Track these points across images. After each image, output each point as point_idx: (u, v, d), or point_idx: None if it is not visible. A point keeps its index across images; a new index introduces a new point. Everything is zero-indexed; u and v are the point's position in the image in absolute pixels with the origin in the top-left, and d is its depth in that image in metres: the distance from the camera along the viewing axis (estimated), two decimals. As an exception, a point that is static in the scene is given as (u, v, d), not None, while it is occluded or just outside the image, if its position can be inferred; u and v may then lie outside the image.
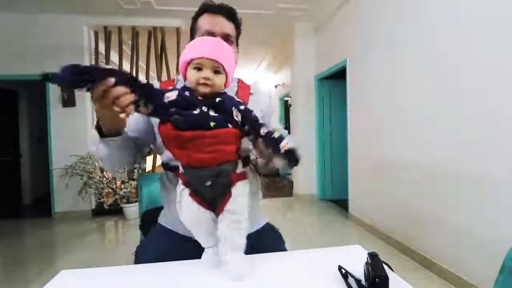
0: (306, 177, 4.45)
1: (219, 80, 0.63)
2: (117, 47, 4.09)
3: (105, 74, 0.53)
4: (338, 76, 3.91)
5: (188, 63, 0.63)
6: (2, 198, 4.48)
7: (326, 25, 4.00)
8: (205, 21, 0.85)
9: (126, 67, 4.29)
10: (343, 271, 0.65)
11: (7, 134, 4.69)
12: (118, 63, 4.16)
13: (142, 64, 4.28)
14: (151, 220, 1.11)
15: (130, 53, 4.13)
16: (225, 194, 0.63)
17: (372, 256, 0.62)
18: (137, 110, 0.58)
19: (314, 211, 3.95)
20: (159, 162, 5.91)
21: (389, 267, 0.64)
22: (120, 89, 0.54)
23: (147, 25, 4.01)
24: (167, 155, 0.84)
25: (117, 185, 3.84)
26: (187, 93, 0.61)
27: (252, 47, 5.22)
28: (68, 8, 3.61)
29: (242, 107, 0.63)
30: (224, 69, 0.64)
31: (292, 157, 0.60)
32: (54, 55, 3.79)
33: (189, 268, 0.70)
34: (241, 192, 0.64)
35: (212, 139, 0.58)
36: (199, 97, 0.62)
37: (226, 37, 0.84)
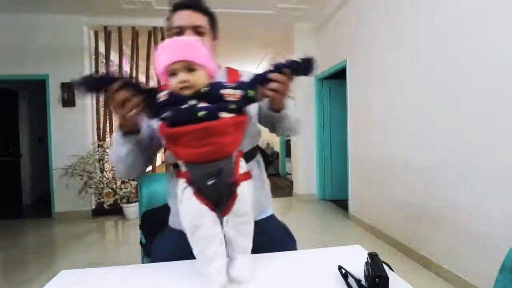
0: (306, 177, 4.45)
1: (196, 76, 0.62)
2: (117, 47, 4.09)
3: (111, 81, 0.61)
4: (338, 76, 3.91)
5: (163, 72, 0.64)
6: (2, 198, 4.48)
7: (326, 25, 4.00)
8: (175, 19, 0.87)
9: (126, 67, 4.30)
10: (343, 271, 0.65)
11: (7, 134, 4.69)
12: (118, 63, 4.16)
13: (142, 64, 4.29)
14: (151, 220, 1.11)
15: (130, 53, 4.13)
16: (231, 194, 0.62)
17: (372, 256, 0.62)
18: (143, 111, 0.64)
19: (314, 211, 3.95)
20: (159, 162, 5.91)
21: (389, 267, 0.64)
22: (123, 94, 0.62)
23: (147, 25, 4.01)
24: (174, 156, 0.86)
25: (117, 185, 3.84)
26: (171, 98, 0.62)
27: (252, 47, 5.22)
28: (68, 8, 3.61)
29: (234, 84, 0.63)
30: (198, 64, 0.62)
31: (310, 64, 0.66)
32: (54, 55, 3.79)
33: (189, 267, 0.70)
34: (246, 192, 0.63)
35: (202, 132, 0.57)
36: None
37: (195, 29, 0.84)
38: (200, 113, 0.57)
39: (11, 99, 4.70)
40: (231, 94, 0.61)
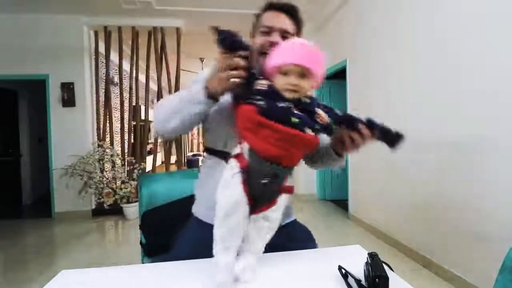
0: (306, 177, 4.45)
1: (305, 84, 0.63)
2: (117, 47, 4.09)
3: (243, 47, 0.65)
4: (338, 76, 3.91)
5: (276, 68, 0.65)
6: (2, 198, 4.48)
7: (326, 25, 4.00)
8: (265, 17, 0.89)
9: (126, 67, 4.30)
10: (343, 271, 0.65)
11: (7, 134, 4.69)
12: (118, 63, 4.17)
13: (142, 64, 4.29)
14: (151, 220, 1.11)
15: (130, 53, 4.13)
16: (271, 199, 0.64)
17: (372, 256, 0.62)
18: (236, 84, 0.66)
19: (314, 211, 3.95)
20: (159, 162, 5.91)
21: (389, 267, 0.64)
22: (242, 62, 0.65)
23: (147, 25, 4.01)
24: (214, 138, 0.86)
25: (117, 185, 3.84)
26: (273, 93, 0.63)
27: (252, 47, 5.21)
28: (68, 8, 3.61)
29: (325, 107, 0.65)
30: (312, 74, 0.64)
31: (399, 139, 0.70)
32: (54, 55, 3.79)
33: (189, 267, 0.70)
34: (281, 204, 0.65)
35: (290, 138, 0.58)
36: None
37: (283, 33, 0.86)
38: (294, 119, 0.59)
39: (11, 99, 4.70)
40: (322, 116, 0.63)
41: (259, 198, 0.62)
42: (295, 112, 0.60)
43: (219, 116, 0.83)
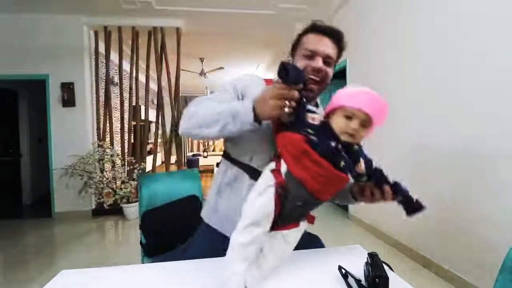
0: (306, 177, 4.45)
1: (363, 133, 0.65)
2: (117, 47, 4.09)
3: (304, 79, 0.66)
4: (338, 76, 3.90)
5: (341, 107, 0.65)
6: (2, 198, 4.48)
7: (326, 25, 3.99)
8: (310, 40, 0.86)
9: (126, 67, 4.30)
10: (343, 271, 0.65)
11: (7, 134, 4.69)
12: (118, 63, 4.16)
13: (142, 64, 4.29)
14: (151, 220, 1.11)
15: (130, 53, 4.13)
16: (296, 221, 0.65)
17: (372, 256, 0.62)
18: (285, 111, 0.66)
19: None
20: (159, 162, 5.91)
21: (389, 267, 0.64)
22: (297, 94, 0.65)
23: (147, 25, 4.01)
24: (240, 151, 0.85)
25: (117, 185, 3.84)
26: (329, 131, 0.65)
27: (252, 47, 5.21)
28: (68, 8, 3.61)
29: (366, 157, 0.68)
30: (373, 125, 0.66)
31: (419, 209, 0.72)
32: (54, 55, 3.79)
33: (189, 267, 0.70)
34: (302, 229, 0.67)
35: (333, 178, 0.60)
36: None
37: (326, 58, 0.85)
38: (342, 163, 0.61)
39: (11, 99, 4.70)
40: (361, 167, 0.66)
41: (285, 217, 0.63)
42: (345, 156, 0.62)
43: (253, 133, 0.80)
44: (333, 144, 0.61)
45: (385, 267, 0.60)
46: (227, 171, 0.87)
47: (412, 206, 0.72)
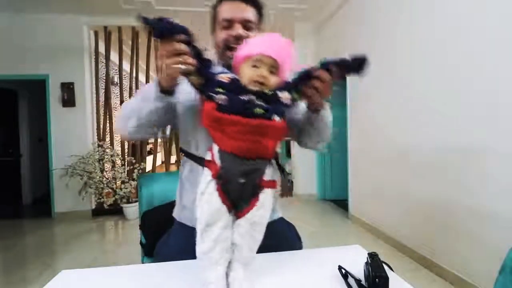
0: (306, 177, 4.45)
1: (273, 78, 0.62)
2: (117, 47, 4.09)
3: (181, 31, 0.60)
4: (338, 76, 3.90)
5: (245, 58, 0.63)
6: (2, 198, 4.48)
7: (326, 25, 4.00)
8: (223, 9, 0.83)
9: (126, 67, 4.30)
10: (343, 271, 0.65)
11: (7, 134, 4.69)
12: (118, 63, 4.16)
13: (142, 64, 4.28)
14: (151, 220, 1.11)
15: (130, 53, 4.13)
16: (253, 197, 0.60)
17: (372, 256, 0.62)
18: (188, 77, 0.62)
19: (314, 211, 3.95)
20: (159, 162, 5.91)
21: (389, 267, 0.64)
22: (183, 46, 0.60)
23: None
24: (185, 140, 0.84)
25: (117, 185, 3.84)
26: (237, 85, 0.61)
27: (252, 47, 5.21)
28: (68, 8, 3.61)
29: (284, 85, 0.64)
30: (281, 69, 0.63)
31: (361, 62, 0.66)
32: (54, 55, 3.79)
33: (189, 267, 0.70)
34: (267, 202, 0.61)
35: (255, 128, 0.57)
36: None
37: (246, 23, 0.82)
38: (257, 110, 0.57)
39: (11, 99, 4.70)
40: (284, 97, 0.61)
41: (239, 200, 0.60)
42: (259, 103, 0.58)
43: (184, 115, 0.80)
44: (244, 98, 0.58)
45: (385, 267, 0.60)
46: (184, 165, 0.87)
47: (353, 66, 0.67)
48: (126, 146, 4.11)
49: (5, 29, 3.70)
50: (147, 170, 4.26)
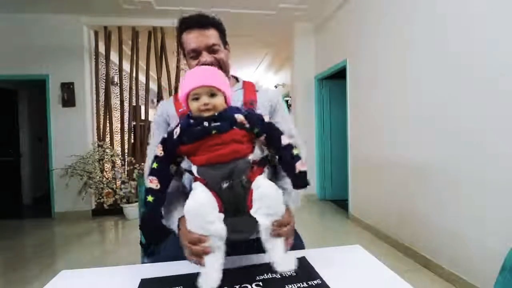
0: (306, 177, 4.45)
1: (217, 100, 0.68)
2: (117, 47, 4.09)
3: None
4: (338, 76, 3.91)
5: (187, 95, 0.69)
6: (2, 198, 4.48)
7: (326, 25, 4.00)
8: (187, 40, 0.88)
9: (126, 67, 4.30)
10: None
11: (7, 134, 4.69)
12: (118, 63, 4.16)
13: (142, 64, 4.29)
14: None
15: (130, 53, 4.14)
16: (247, 192, 0.63)
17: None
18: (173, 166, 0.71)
19: (314, 211, 3.95)
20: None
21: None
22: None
23: (147, 25, 4.01)
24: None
25: (117, 185, 3.84)
26: (191, 120, 0.67)
27: (252, 47, 5.21)
28: (68, 8, 3.61)
29: (245, 112, 0.69)
30: (219, 90, 0.68)
31: (302, 180, 0.66)
32: (54, 55, 3.79)
33: (189, 267, 0.70)
34: (262, 183, 0.63)
35: (217, 140, 0.63)
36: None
37: (211, 47, 0.86)
38: (214, 131, 0.64)
39: (11, 99, 4.70)
40: (243, 121, 0.67)
41: (236, 200, 0.63)
42: (213, 125, 0.64)
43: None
44: (199, 127, 0.64)
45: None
46: (183, 183, 0.91)
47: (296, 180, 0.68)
48: (126, 146, 4.11)
49: (5, 29, 3.71)
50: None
